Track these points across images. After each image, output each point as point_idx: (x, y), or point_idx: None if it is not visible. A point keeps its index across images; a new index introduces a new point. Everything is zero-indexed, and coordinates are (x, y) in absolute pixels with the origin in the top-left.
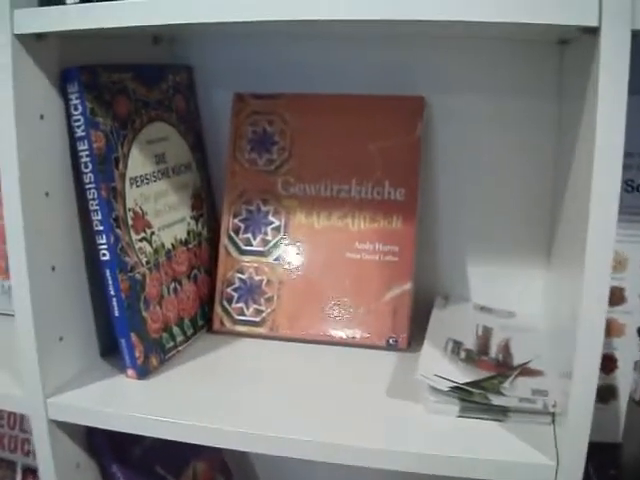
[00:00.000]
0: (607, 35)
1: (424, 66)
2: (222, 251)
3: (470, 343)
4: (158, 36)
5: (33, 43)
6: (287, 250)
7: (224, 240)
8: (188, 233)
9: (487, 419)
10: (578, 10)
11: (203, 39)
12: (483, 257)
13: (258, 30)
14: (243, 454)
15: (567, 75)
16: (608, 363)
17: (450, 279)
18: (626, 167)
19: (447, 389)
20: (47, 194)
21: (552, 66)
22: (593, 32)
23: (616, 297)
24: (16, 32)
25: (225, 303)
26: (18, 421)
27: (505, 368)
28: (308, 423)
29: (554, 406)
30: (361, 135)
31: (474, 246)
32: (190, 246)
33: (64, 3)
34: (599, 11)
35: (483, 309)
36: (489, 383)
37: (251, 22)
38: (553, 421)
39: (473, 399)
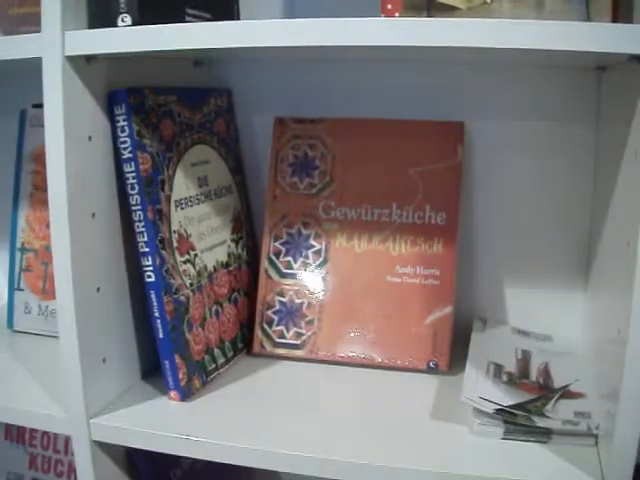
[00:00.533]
0: None
1: (464, 92)
2: (262, 274)
3: (511, 366)
4: (199, 59)
5: (83, 65)
6: (328, 273)
7: (265, 263)
8: (229, 256)
9: (531, 441)
10: (628, 38)
11: (242, 63)
12: (520, 281)
13: (297, 54)
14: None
15: (605, 101)
16: None
17: (488, 302)
18: None
19: (492, 411)
20: (93, 215)
21: (590, 92)
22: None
23: None
24: (67, 54)
25: (265, 326)
26: (52, 442)
27: (546, 391)
28: (351, 445)
29: (597, 428)
30: (402, 159)
31: (512, 270)
32: (230, 269)
33: (115, 25)
34: None
35: (520, 332)
36: (532, 405)
37: (293, 47)
38: (596, 443)
39: (517, 421)
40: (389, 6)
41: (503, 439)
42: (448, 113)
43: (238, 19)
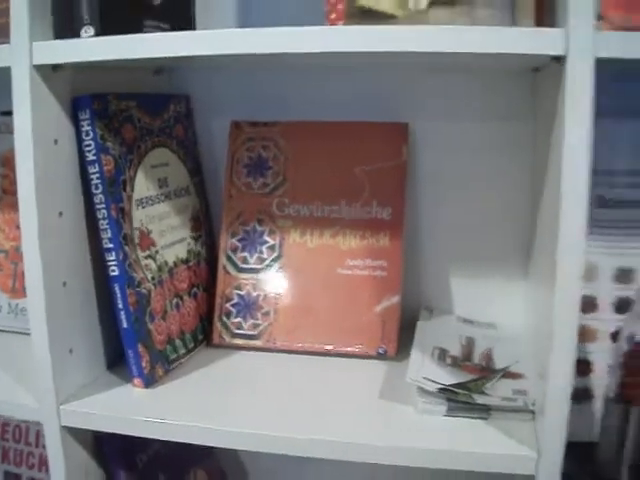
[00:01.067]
0: (572, 63)
1: (408, 95)
2: (221, 269)
3: (455, 351)
4: (159, 67)
5: (49, 73)
6: (282, 267)
7: (222, 259)
8: (188, 252)
9: (472, 417)
10: (547, 41)
11: (200, 70)
12: (466, 272)
13: (252, 61)
14: (241, 466)
15: (540, 100)
16: (583, 367)
17: (434, 293)
18: (597, 184)
19: (435, 390)
20: (60, 214)
21: (527, 92)
22: (560, 60)
23: (588, 305)
24: (34, 63)
25: (224, 318)
26: (23, 435)
27: (488, 372)
28: (306, 423)
29: (533, 404)
30: (350, 159)
31: (457, 262)
32: (190, 264)
33: (79, 36)
34: (565, 41)
35: (466, 321)
36: (473, 384)
37: (247, 55)
38: (534, 418)
39: (459, 399)
40: (333, 15)
41: (446, 416)
42: (394, 115)
43: (194, 29)
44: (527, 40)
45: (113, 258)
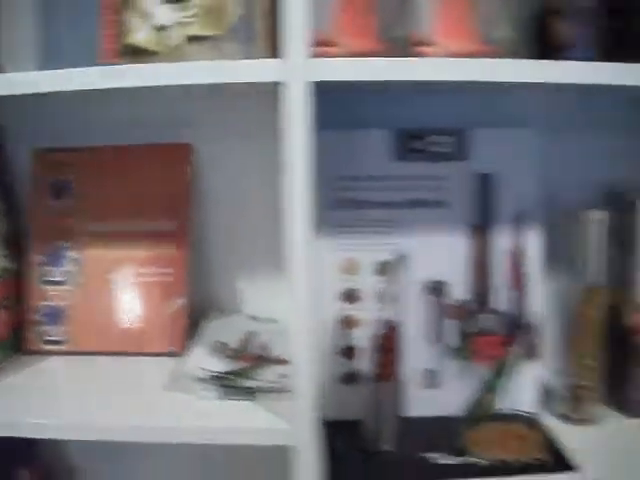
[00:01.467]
0: (287, 87)
1: (190, 118)
2: (30, 283)
3: (235, 344)
4: None
5: None
6: (84, 278)
7: (32, 273)
8: (0, 269)
9: (242, 399)
10: (268, 70)
11: (9, 103)
12: (250, 274)
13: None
14: (66, 465)
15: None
16: (349, 351)
17: (224, 295)
18: (348, 188)
19: (208, 377)
20: None
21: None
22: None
23: (353, 297)
24: None
25: (35, 327)
26: None
27: (261, 360)
28: (104, 413)
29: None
30: (140, 178)
31: (243, 266)
32: (2, 280)
33: None
34: (283, 69)
35: (252, 318)
36: (244, 371)
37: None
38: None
39: (229, 384)
40: (107, 54)
41: (220, 400)
42: (180, 136)
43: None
44: (252, 70)
45: None
